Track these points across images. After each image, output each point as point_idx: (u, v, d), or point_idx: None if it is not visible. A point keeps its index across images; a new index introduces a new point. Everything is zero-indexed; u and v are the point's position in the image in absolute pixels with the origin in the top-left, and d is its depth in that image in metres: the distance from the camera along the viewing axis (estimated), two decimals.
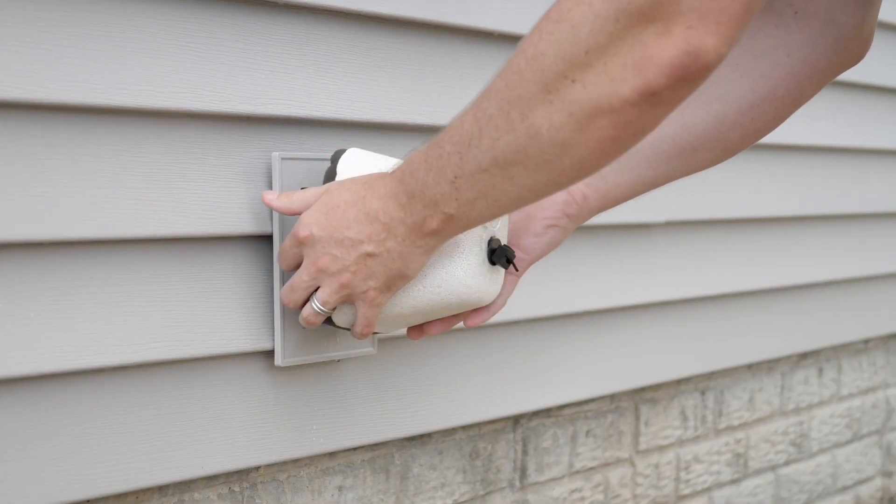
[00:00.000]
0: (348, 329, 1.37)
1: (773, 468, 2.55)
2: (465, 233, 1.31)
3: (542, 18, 1.03)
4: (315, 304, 1.31)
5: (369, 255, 1.24)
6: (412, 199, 1.18)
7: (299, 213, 1.33)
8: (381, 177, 1.24)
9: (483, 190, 1.12)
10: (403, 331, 1.63)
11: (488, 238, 1.34)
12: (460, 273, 1.33)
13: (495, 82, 1.07)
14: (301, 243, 1.29)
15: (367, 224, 1.23)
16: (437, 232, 1.20)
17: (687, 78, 0.96)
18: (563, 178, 1.08)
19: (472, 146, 1.09)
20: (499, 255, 1.34)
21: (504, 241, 1.38)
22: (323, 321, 1.35)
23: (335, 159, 1.42)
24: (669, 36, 0.94)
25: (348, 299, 1.30)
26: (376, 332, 1.49)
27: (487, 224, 1.33)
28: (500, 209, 1.15)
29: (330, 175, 1.42)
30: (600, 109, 0.99)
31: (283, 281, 1.45)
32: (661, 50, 0.95)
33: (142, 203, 1.34)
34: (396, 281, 1.27)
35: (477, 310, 1.39)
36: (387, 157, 1.42)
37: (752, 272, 2.35)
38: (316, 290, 1.31)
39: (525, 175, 1.08)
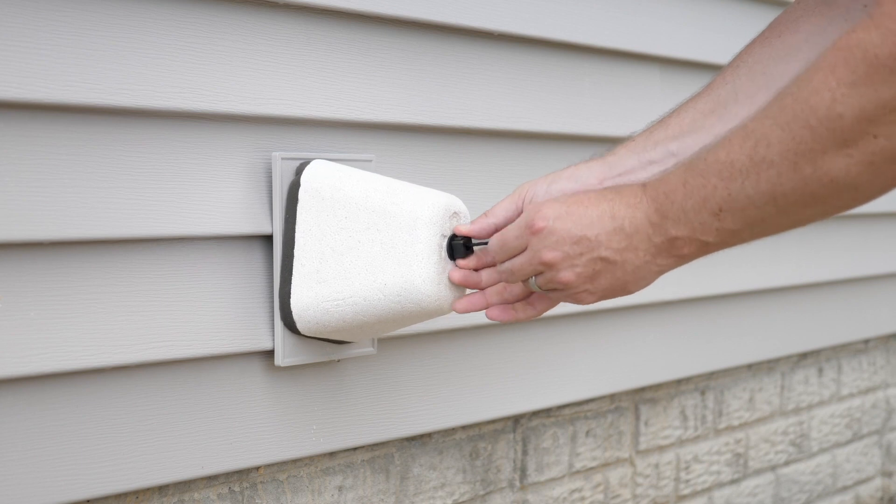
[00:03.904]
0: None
1: (773, 468, 2.55)
2: (424, 241, 1.33)
3: (827, 75, 1.03)
4: (533, 284, 1.28)
5: (603, 259, 1.22)
6: (664, 219, 1.17)
7: (501, 227, 1.31)
8: (628, 186, 1.22)
9: (751, 222, 1.13)
10: (404, 331, 1.63)
11: (447, 245, 1.36)
12: (419, 282, 1.34)
13: (773, 131, 1.08)
14: (534, 233, 1.24)
15: (611, 228, 1.21)
16: (686, 257, 1.20)
17: None
18: (842, 210, 1.12)
19: (745, 185, 1.11)
20: (457, 249, 1.35)
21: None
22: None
23: (299, 171, 1.44)
24: None
25: (557, 289, 1.27)
26: (345, 342, 1.51)
27: (446, 232, 1.35)
28: (762, 237, 1.17)
29: (294, 186, 1.44)
30: None
31: (283, 281, 1.45)
32: None
33: (142, 203, 1.34)
34: (616, 292, 1.25)
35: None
36: (351, 168, 1.43)
37: (751, 272, 2.35)
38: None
39: (804, 210, 1.11)
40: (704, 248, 1.18)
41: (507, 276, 1.29)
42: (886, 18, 0.99)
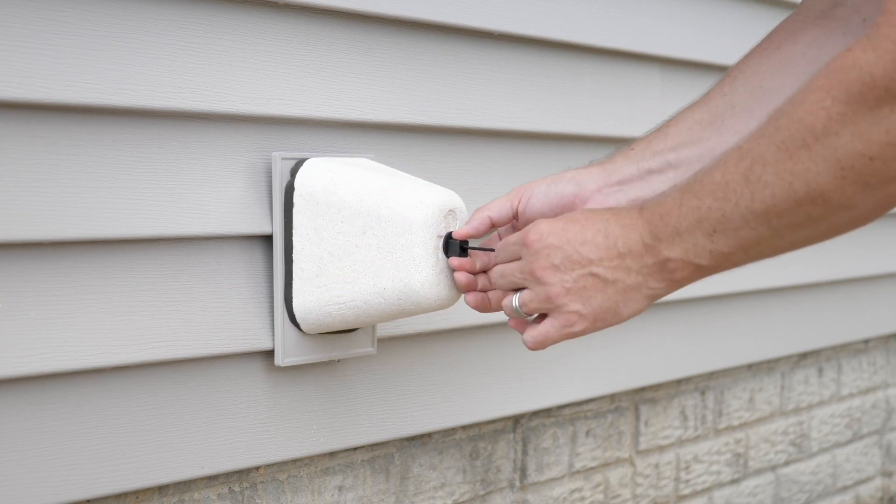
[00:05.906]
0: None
1: (773, 468, 2.55)
2: (420, 245, 1.34)
3: (823, 94, 1.04)
4: (515, 301, 1.27)
5: (594, 275, 1.22)
6: (657, 241, 1.18)
7: (496, 221, 1.33)
8: (626, 208, 1.22)
9: (745, 245, 1.13)
10: (404, 331, 1.63)
11: (443, 244, 1.36)
12: (417, 286, 1.35)
13: (770, 150, 1.08)
14: (527, 245, 1.25)
15: (604, 246, 1.21)
16: (678, 281, 1.20)
17: None
18: (838, 231, 1.11)
19: (739, 205, 1.11)
20: (452, 247, 1.36)
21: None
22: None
23: (293, 172, 1.44)
24: None
25: (546, 311, 1.26)
26: (350, 331, 1.52)
27: (441, 232, 1.35)
28: (758, 259, 1.16)
29: (289, 189, 1.44)
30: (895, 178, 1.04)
31: (284, 281, 1.45)
32: None
33: (141, 203, 1.34)
34: (605, 316, 1.24)
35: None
36: (344, 166, 1.43)
37: (751, 272, 2.35)
38: (521, 288, 1.27)
39: (799, 231, 1.11)
40: (698, 271, 1.18)
41: (496, 278, 1.29)
42: (884, 40, 1.00)
